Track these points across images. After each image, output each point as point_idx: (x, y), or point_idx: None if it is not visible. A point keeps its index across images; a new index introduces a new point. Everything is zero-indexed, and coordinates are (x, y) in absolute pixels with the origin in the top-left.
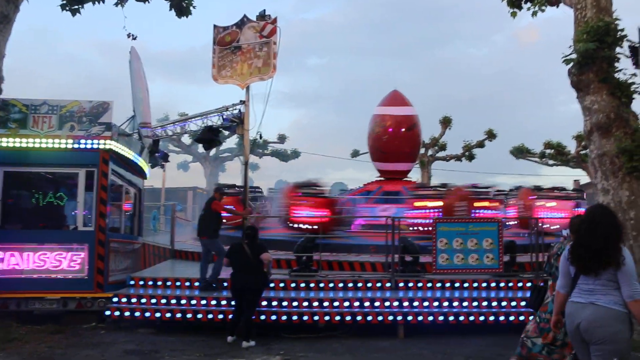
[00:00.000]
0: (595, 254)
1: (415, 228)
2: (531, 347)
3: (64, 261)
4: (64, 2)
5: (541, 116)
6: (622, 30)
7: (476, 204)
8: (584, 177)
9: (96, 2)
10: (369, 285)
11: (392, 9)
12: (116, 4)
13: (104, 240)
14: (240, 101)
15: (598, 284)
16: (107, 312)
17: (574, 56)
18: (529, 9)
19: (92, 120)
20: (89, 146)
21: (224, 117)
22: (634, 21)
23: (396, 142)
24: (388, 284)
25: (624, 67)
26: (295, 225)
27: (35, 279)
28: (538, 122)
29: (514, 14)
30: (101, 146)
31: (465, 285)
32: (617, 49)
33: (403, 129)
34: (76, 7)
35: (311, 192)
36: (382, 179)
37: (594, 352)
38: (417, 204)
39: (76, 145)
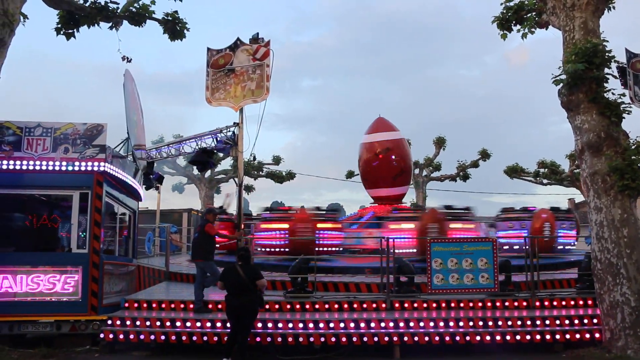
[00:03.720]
0: None
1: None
2: None
3: (57, 284)
4: (59, 26)
5: (534, 136)
6: (609, 51)
7: None
8: (578, 196)
9: (91, 26)
10: (365, 306)
11: (383, 31)
12: (110, 28)
13: (98, 262)
14: (234, 123)
15: None
16: (101, 335)
17: (563, 77)
18: (518, 30)
19: (86, 143)
20: (83, 168)
21: (218, 139)
22: (621, 43)
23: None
24: (383, 305)
25: (613, 87)
26: None
27: (28, 302)
28: (531, 142)
29: (504, 36)
30: (95, 168)
31: (461, 305)
32: (606, 70)
33: (377, 152)
34: (71, 31)
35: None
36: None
37: None
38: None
39: (70, 168)
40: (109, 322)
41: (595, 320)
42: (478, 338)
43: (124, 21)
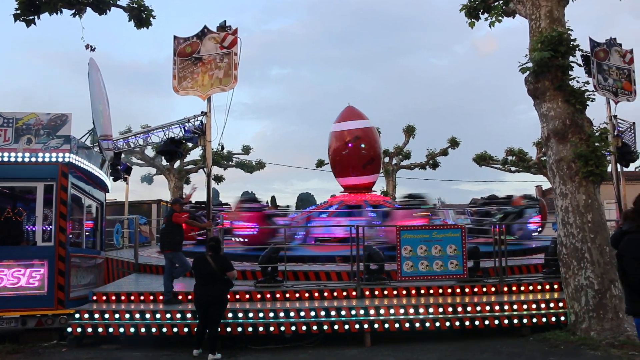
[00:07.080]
0: None
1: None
2: None
3: (22, 278)
4: (18, 12)
5: (503, 124)
6: (574, 40)
7: None
8: (545, 183)
9: (53, 13)
10: (335, 294)
11: (353, 20)
12: (73, 15)
13: (65, 255)
14: (202, 112)
15: None
16: (69, 329)
17: (530, 65)
18: (486, 19)
19: (50, 133)
20: (47, 159)
21: (186, 128)
22: (587, 32)
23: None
24: (354, 293)
25: (578, 75)
26: None
27: None
28: (500, 130)
29: (472, 24)
30: (60, 159)
31: (431, 291)
32: (571, 58)
33: (347, 141)
34: (31, 17)
35: None
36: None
37: None
38: None
39: (33, 159)
40: (77, 315)
41: (560, 304)
42: (448, 324)
43: (88, 8)
